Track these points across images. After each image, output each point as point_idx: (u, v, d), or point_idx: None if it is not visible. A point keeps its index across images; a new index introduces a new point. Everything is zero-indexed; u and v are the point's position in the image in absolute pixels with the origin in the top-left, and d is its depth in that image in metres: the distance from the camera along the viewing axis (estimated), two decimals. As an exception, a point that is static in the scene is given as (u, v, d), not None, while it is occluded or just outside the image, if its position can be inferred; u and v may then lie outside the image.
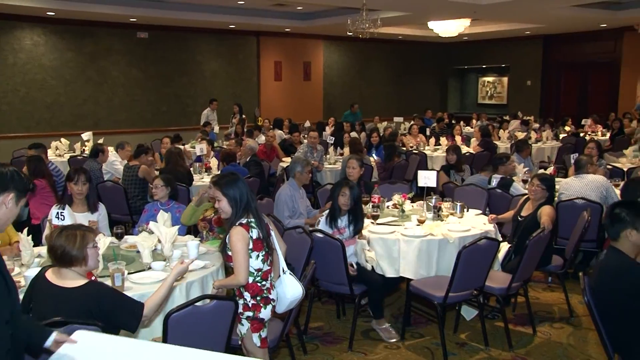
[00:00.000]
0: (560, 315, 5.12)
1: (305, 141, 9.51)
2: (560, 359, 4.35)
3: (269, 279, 3.39)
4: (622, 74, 16.92)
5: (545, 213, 4.83)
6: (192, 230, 5.65)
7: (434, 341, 4.59)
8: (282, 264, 3.49)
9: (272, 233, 3.47)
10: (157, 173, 6.76)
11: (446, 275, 4.33)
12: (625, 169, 7.75)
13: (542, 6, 11.98)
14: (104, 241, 3.91)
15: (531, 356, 4.39)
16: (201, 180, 7.49)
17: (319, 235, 4.41)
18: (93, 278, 3.19)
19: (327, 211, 4.74)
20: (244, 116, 13.99)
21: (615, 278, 3.15)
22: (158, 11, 12.55)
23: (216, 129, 12.80)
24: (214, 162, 8.17)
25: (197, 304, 2.95)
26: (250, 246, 3.28)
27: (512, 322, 4.91)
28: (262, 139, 10.75)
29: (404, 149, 10.35)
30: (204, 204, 4.89)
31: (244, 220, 3.32)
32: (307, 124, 14.06)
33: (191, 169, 7.82)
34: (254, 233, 3.30)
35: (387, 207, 5.60)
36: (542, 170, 7.06)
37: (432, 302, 4.36)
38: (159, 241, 3.99)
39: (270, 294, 3.39)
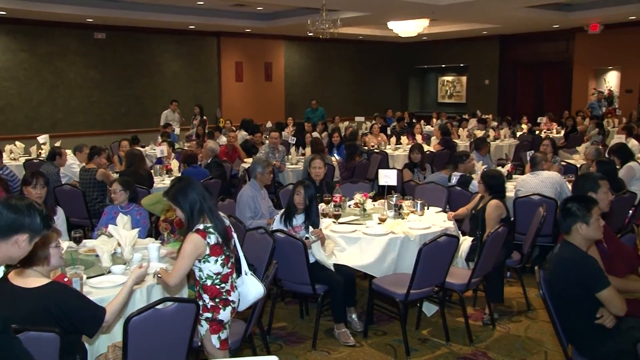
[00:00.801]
0: (518, 309, 5.24)
1: (267, 142, 9.49)
2: (519, 352, 4.45)
3: (230, 281, 3.38)
4: (574, 73, 17.43)
5: (490, 211, 4.94)
6: (153, 232, 5.59)
7: (396, 338, 4.64)
8: (244, 266, 3.49)
9: (234, 236, 3.46)
10: (115, 176, 6.66)
11: (408, 272, 4.37)
12: (578, 165, 7.97)
13: (498, 7, 12.24)
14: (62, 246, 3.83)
15: (491, 350, 4.48)
16: (162, 182, 7.41)
17: (281, 235, 4.42)
18: (65, 280, 3.13)
19: (282, 210, 4.76)
20: (205, 117, 13.89)
21: (567, 271, 3.24)
22: (115, 11, 12.37)
23: (177, 130, 12.66)
24: (175, 164, 8.08)
25: (158, 306, 2.93)
26: (207, 252, 3.26)
27: (472, 317, 5.01)
28: (223, 140, 10.68)
29: (366, 148, 10.43)
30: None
31: (201, 227, 3.29)
32: (269, 124, 14.04)
33: (152, 171, 7.72)
34: (212, 239, 3.27)
35: (349, 206, 5.64)
36: (499, 168, 7.21)
37: (394, 300, 4.41)
38: (119, 244, 3.94)
39: (230, 295, 3.37)
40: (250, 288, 3.47)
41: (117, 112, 14.61)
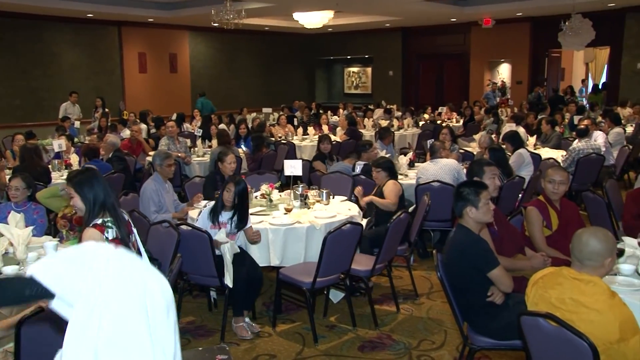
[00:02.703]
0: (421, 291, 5.46)
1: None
2: (421, 332, 4.65)
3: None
4: (471, 65, 18.30)
5: (389, 190, 5.21)
6: (51, 230, 5.36)
7: (304, 326, 4.72)
8: (146, 262, 3.42)
9: (134, 231, 3.38)
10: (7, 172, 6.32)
11: (315, 261, 4.44)
12: (475, 153, 8.38)
13: (398, -1, 12.62)
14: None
15: (395, 332, 4.64)
16: (61, 177, 7.10)
17: (186, 228, 4.37)
18: None
19: (210, 204, 4.66)
20: (107, 110, 13.39)
21: (461, 253, 3.44)
22: (5, -2, 11.65)
23: (77, 123, 12.13)
24: (74, 159, 7.76)
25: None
26: None
27: (377, 302, 5.17)
28: (127, 133, 10.36)
29: (273, 139, 10.46)
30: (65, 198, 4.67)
31: (99, 221, 3.16)
32: (174, 116, 13.74)
33: (49, 166, 7.38)
34: (110, 234, 3.15)
35: (255, 197, 5.65)
36: (402, 156, 7.47)
37: (301, 289, 4.48)
38: (11, 244, 3.75)
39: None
40: None
41: (10, 105, 13.75)
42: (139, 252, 3.39)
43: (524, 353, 2.94)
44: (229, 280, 4.35)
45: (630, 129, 10.83)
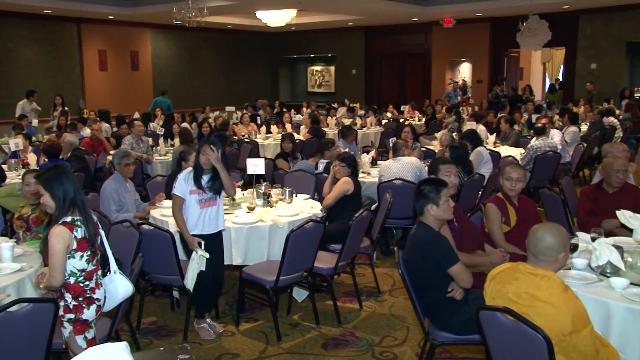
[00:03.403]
0: (383, 288, 5.51)
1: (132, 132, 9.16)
2: (384, 329, 4.70)
3: (95, 278, 3.25)
4: (433, 64, 18.53)
5: (337, 186, 5.39)
6: (8, 231, 5.23)
7: (267, 324, 4.73)
8: (113, 264, 3.37)
9: (102, 233, 3.34)
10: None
11: (277, 259, 4.44)
12: (436, 151, 8.50)
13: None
14: None
15: (358, 330, 4.68)
16: (18, 177, 6.93)
17: (148, 227, 4.33)
18: None
19: (189, 170, 4.46)
20: (66, 108, 13.11)
21: (422, 249, 3.49)
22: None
23: (35, 122, 11.86)
24: (32, 158, 7.59)
25: (11, 309, 2.77)
26: (74, 246, 3.11)
27: (340, 299, 5.21)
28: (87, 131, 10.18)
29: (236, 138, 10.41)
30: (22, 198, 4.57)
31: (68, 219, 3.12)
32: (136, 115, 13.53)
33: (5, 165, 7.20)
34: (79, 232, 3.12)
35: (218, 196, 5.61)
36: (364, 155, 7.53)
37: (264, 287, 4.48)
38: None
39: (95, 293, 3.23)
40: (119, 287, 3.36)
41: (-37, 103, 13.39)
42: (104, 255, 3.35)
43: (484, 347, 3.01)
44: (190, 284, 4.30)
45: (585, 127, 11.13)
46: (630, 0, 13.86)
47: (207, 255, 4.28)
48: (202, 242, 4.30)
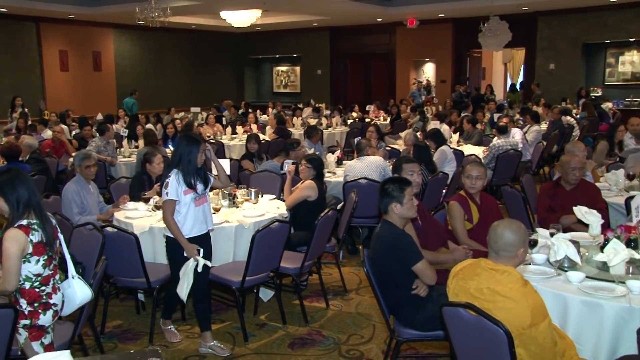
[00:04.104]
0: (350, 287, 5.55)
1: (98, 135, 9.00)
2: (350, 327, 4.74)
3: (52, 283, 3.18)
4: (397, 64, 18.72)
5: (299, 189, 5.36)
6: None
7: (234, 325, 4.72)
8: (71, 269, 3.32)
9: (61, 237, 3.28)
10: None
11: (243, 260, 4.44)
12: (401, 150, 8.59)
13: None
14: None
15: (325, 328, 4.71)
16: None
17: (111, 230, 4.28)
18: None
19: (176, 172, 4.17)
20: (26, 110, 12.83)
21: (387, 247, 3.54)
22: None
23: (-8, 124, 11.59)
24: (-11, 161, 7.41)
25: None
26: (30, 250, 3.05)
27: (307, 298, 5.23)
28: (48, 133, 9.99)
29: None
30: None
31: (24, 222, 3.06)
32: (99, 116, 13.34)
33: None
34: (35, 236, 3.07)
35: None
36: (330, 154, 7.57)
37: (230, 288, 4.47)
38: None
39: (52, 298, 3.16)
40: (77, 292, 3.30)
41: None
42: (63, 258, 3.30)
43: (448, 343, 3.07)
44: (184, 294, 4.11)
45: (544, 126, 11.38)
46: (585, 2, 14.25)
47: (210, 264, 4.19)
48: (201, 250, 4.14)
